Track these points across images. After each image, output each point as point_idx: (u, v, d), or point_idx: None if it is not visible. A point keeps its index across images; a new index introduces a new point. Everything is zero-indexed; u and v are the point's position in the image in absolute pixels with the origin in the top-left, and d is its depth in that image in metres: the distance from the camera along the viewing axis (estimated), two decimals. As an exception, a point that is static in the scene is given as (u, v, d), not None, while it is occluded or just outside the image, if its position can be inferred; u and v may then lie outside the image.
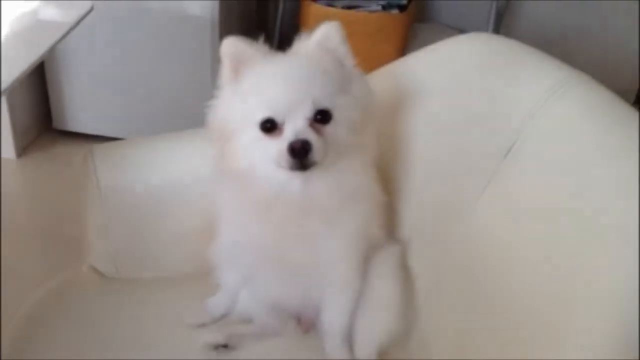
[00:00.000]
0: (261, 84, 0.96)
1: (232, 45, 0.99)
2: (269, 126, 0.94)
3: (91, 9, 1.21)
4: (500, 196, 1.02)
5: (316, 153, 0.92)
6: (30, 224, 2.02)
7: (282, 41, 2.55)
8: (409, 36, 2.45)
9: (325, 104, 0.94)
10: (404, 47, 2.38)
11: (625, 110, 0.93)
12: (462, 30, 1.99)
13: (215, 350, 1.09)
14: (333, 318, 1.11)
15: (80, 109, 2.33)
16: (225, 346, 1.10)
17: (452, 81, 1.13)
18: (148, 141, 1.29)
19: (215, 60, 1.01)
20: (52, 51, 1.10)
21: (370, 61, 1.06)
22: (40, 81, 2.30)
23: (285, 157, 0.92)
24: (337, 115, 0.95)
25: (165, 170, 1.26)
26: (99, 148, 1.27)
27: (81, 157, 1.26)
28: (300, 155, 0.91)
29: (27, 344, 1.10)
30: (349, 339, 1.11)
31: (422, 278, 1.14)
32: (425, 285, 1.13)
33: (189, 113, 2.23)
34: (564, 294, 0.87)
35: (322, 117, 0.94)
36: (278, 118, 0.93)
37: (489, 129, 1.05)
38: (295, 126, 0.93)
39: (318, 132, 0.93)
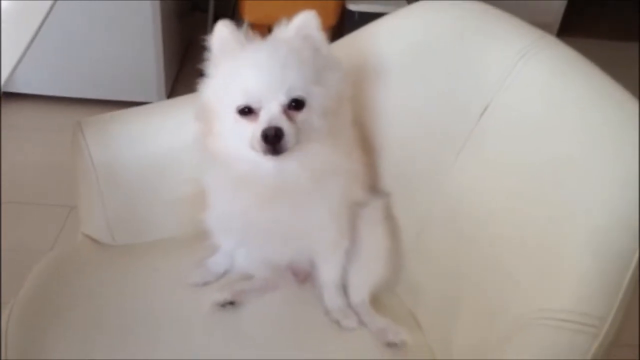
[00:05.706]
0: (240, 72, 1.02)
1: (222, 31, 1.05)
2: (247, 111, 1.01)
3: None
4: (477, 154, 1.12)
5: (288, 140, 0.98)
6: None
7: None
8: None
9: (299, 93, 0.99)
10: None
11: (591, 68, 1.02)
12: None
13: (223, 307, 1.16)
14: (327, 273, 1.21)
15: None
16: (232, 303, 1.17)
17: (424, 47, 1.19)
18: (136, 113, 1.33)
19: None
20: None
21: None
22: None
23: (258, 142, 0.99)
24: (310, 102, 1.01)
25: (155, 142, 1.30)
26: (88, 123, 1.29)
27: (71, 132, 1.29)
28: (273, 141, 0.97)
29: (34, 324, 1.10)
30: (343, 287, 1.21)
31: (407, 227, 1.24)
32: (410, 233, 1.23)
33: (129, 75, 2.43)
34: (541, 235, 0.98)
35: (295, 104, 1.00)
36: (254, 104, 1.00)
37: (463, 92, 1.14)
38: (270, 113, 0.99)
39: (291, 118, 0.99)
